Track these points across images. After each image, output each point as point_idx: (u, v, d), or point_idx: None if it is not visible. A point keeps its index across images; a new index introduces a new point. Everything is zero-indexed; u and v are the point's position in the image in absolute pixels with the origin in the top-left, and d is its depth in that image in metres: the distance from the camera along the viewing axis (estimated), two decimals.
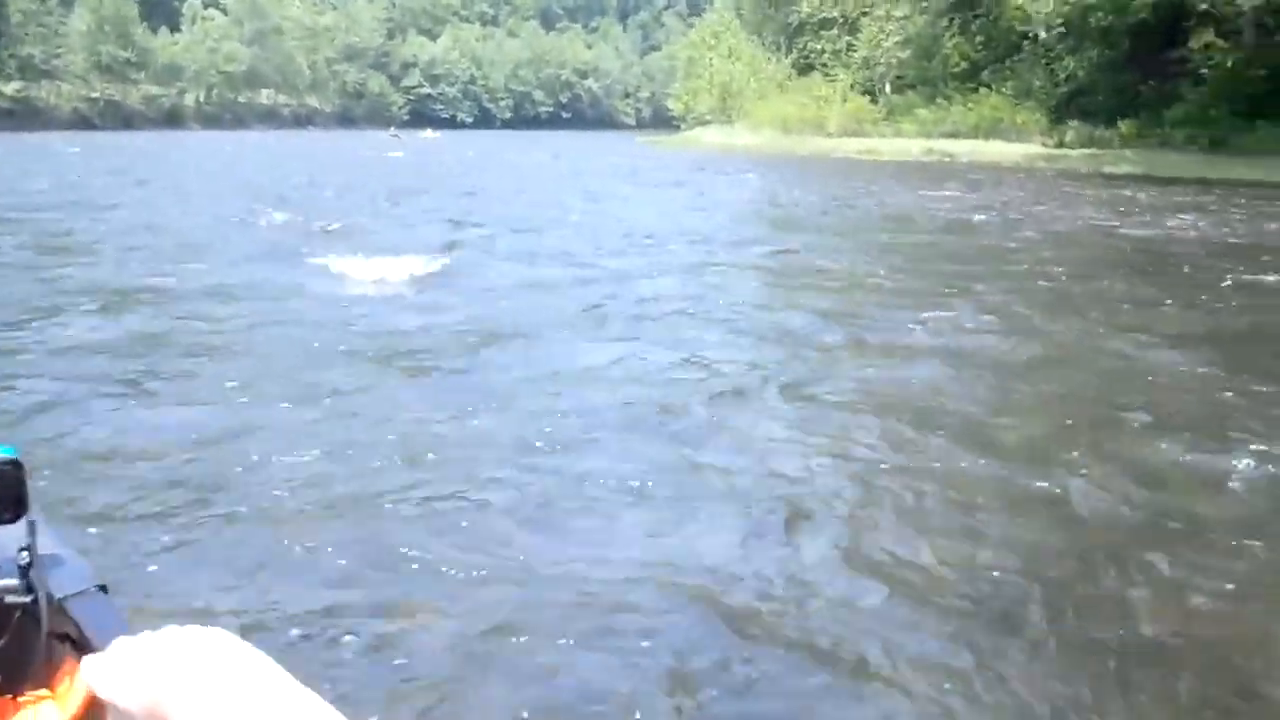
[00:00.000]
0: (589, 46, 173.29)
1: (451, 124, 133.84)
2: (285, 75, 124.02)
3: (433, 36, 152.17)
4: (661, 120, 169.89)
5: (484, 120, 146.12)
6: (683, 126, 68.32)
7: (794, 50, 62.28)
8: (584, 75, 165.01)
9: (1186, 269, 11.21)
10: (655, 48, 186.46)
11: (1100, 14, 31.85)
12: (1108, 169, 23.03)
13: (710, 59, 64.70)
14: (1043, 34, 43.69)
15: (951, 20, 49.24)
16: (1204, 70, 33.38)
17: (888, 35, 52.63)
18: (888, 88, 49.73)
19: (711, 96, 58.82)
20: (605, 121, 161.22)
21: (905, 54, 51.39)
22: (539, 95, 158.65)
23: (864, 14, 56.39)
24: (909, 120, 39.94)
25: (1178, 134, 30.18)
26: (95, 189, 20.58)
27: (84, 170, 27.83)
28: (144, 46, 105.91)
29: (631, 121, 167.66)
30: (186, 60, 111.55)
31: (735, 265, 11.47)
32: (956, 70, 47.45)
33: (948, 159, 29.26)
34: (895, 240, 13.00)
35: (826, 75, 57.38)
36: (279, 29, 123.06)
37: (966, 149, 30.15)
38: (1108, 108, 35.93)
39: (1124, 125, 29.87)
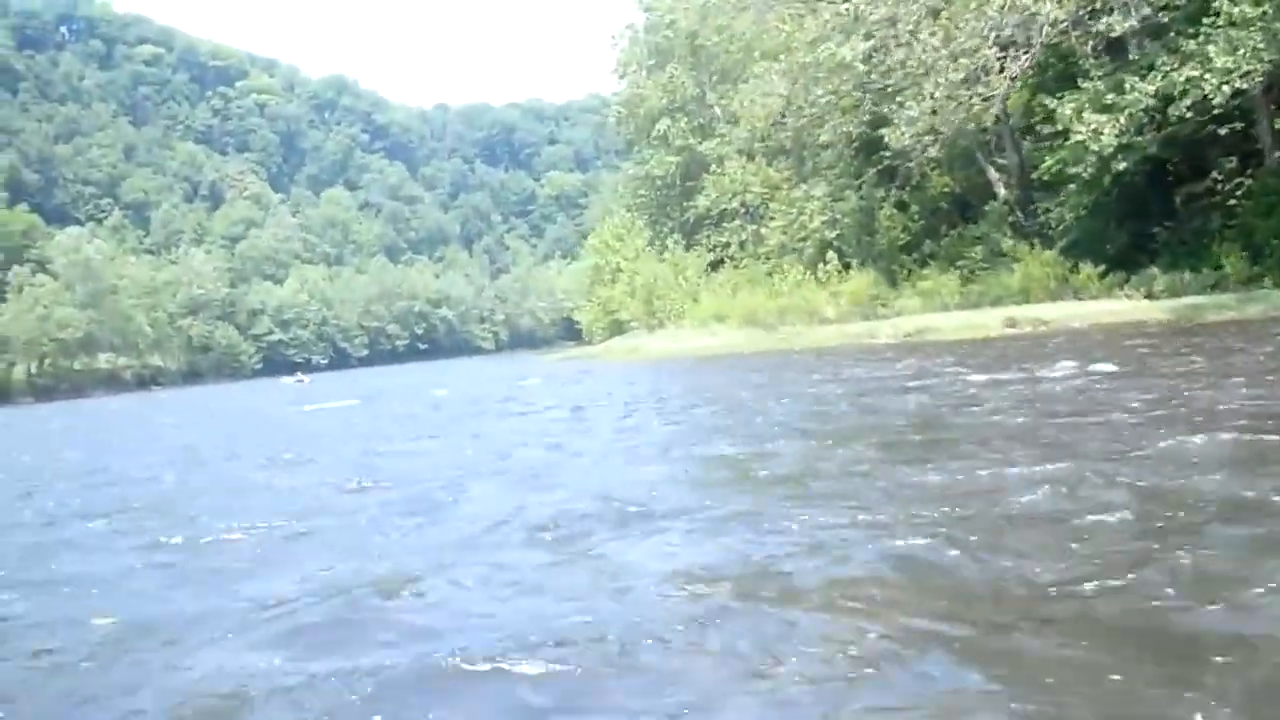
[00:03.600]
0: (437, 276, 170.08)
1: (307, 367, 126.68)
2: (125, 336, 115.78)
3: (278, 281, 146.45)
4: (520, 341, 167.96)
5: (339, 360, 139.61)
6: (593, 339, 63.56)
7: (695, 246, 59.26)
8: (437, 304, 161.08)
9: None
10: (504, 270, 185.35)
11: (1118, 157, 28.16)
12: None
13: (617, 263, 60.70)
14: (1003, 192, 41.21)
15: (887, 191, 46.84)
16: (1233, 202, 30.21)
17: (810, 216, 49.58)
18: (827, 266, 45.97)
19: (634, 300, 54.17)
20: (462, 348, 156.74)
21: (833, 233, 48.49)
22: (393, 329, 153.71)
23: (768, 201, 53.96)
24: (912, 295, 35.57)
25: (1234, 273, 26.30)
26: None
27: None
28: None
29: (490, 346, 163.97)
30: (14, 331, 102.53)
31: None
32: (901, 243, 44.60)
33: (1043, 325, 24.37)
34: None
35: (737, 267, 54.26)
36: (114, 289, 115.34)
37: (1050, 314, 25.42)
38: (1111, 256, 32.32)
39: (1231, 264, 25.73)
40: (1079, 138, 26.79)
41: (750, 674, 3.66)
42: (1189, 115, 24.50)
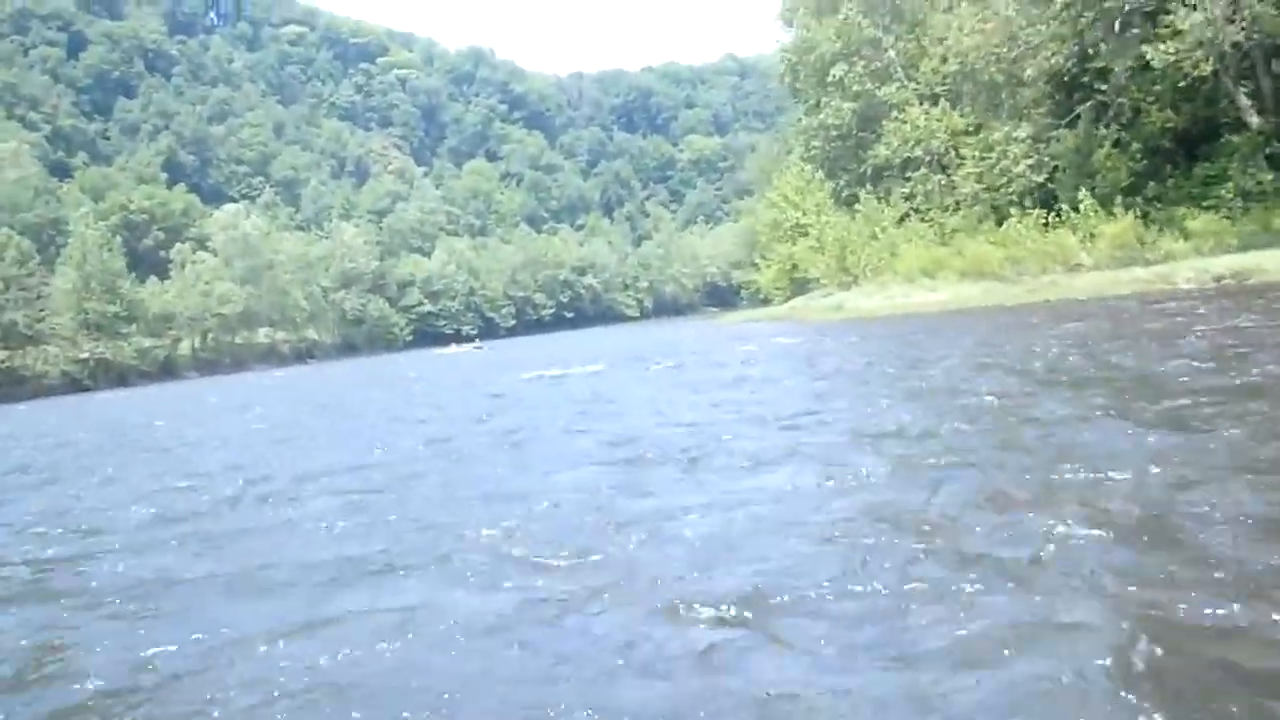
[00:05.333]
0: (581, 244, 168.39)
1: (458, 338, 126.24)
2: (282, 310, 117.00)
3: (425, 253, 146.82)
4: (663, 308, 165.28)
5: (488, 330, 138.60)
6: (773, 300, 60.30)
7: (876, 198, 55.44)
8: (581, 272, 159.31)
9: None
10: (645, 237, 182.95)
11: None
12: None
13: (797, 218, 57.24)
14: (1256, 120, 36.79)
15: (1108, 127, 42.55)
16: None
17: (1015, 160, 45.42)
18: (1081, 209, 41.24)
19: (824, 257, 50.65)
20: (606, 316, 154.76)
21: (1039, 177, 44.42)
22: (539, 298, 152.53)
23: (954, 148, 50.16)
24: (1176, 239, 31.49)
25: None
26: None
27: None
28: (132, 299, 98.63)
29: (635, 313, 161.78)
30: (179, 306, 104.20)
31: None
32: (1123, 185, 40.28)
33: None
34: None
35: (923, 219, 50.58)
36: (271, 264, 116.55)
37: None
38: None
39: None
40: None
41: None
42: None
